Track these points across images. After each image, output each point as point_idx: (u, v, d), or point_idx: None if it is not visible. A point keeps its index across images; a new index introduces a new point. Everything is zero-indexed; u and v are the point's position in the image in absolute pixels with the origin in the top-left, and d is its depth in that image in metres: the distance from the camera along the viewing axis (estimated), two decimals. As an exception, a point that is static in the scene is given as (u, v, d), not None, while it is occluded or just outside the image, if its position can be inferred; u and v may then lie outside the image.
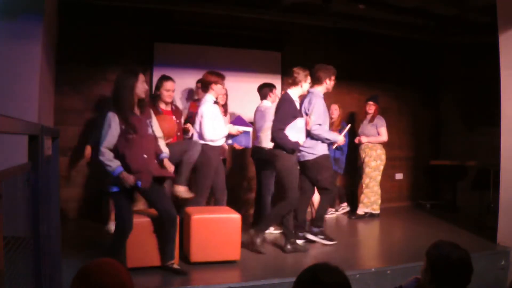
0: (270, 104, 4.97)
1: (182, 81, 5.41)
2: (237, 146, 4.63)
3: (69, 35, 5.28)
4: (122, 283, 1.35)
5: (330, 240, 4.39)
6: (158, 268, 3.45)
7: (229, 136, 4.32)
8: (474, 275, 1.89)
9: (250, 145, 4.55)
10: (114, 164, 3.08)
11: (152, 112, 3.45)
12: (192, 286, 3.17)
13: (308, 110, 4.30)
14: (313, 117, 4.24)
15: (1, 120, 1.24)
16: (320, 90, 4.38)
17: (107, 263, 1.41)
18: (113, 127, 3.10)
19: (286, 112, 3.99)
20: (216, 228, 3.64)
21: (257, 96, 5.16)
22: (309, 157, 4.30)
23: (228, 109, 5.17)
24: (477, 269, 1.91)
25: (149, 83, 5.74)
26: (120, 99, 3.16)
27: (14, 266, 1.55)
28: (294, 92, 4.14)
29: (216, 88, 4.16)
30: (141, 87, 3.22)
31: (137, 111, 3.24)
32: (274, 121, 4.03)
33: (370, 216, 5.81)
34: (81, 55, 5.34)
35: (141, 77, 3.24)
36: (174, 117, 4.25)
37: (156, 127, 3.41)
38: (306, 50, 6.49)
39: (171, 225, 3.32)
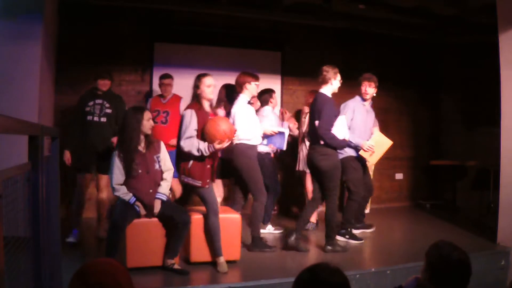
0: (271, 109, 4.95)
1: (182, 81, 5.40)
2: (271, 147, 4.54)
3: (69, 35, 5.28)
4: (119, 282, 1.35)
5: (358, 239, 4.53)
6: (159, 268, 3.45)
7: (264, 137, 4.34)
8: (474, 275, 1.89)
9: (285, 147, 4.48)
10: (128, 196, 3.33)
11: (162, 146, 3.54)
12: (192, 286, 3.17)
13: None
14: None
15: (1, 120, 1.24)
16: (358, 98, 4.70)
17: (105, 263, 1.42)
18: (118, 165, 3.33)
19: (330, 112, 4.01)
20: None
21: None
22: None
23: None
24: (477, 269, 1.91)
25: (149, 83, 5.75)
26: (125, 139, 3.37)
27: (14, 266, 1.55)
28: (326, 91, 4.13)
29: (250, 88, 4.12)
30: (147, 125, 3.39)
31: (143, 148, 3.40)
32: (321, 123, 3.99)
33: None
34: (81, 55, 5.34)
35: (147, 115, 3.42)
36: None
37: (164, 161, 3.49)
38: (306, 50, 6.49)
39: (184, 227, 3.43)
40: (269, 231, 4.87)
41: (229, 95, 4.53)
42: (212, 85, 3.57)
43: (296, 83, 6.48)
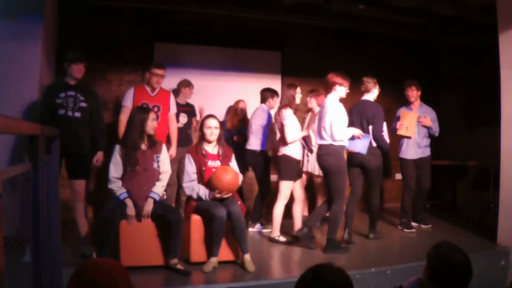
0: (266, 109, 4.95)
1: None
2: (351, 150, 4.53)
3: (69, 35, 5.28)
4: (115, 281, 1.35)
5: (410, 228, 5.13)
6: (159, 268, 3.45)
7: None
8: (474, 275, 1.88)
9: (365, 152, 4.50)
10: (119, 192, 3.38)
11: (163, 147, 3.62)
12: (192, 286, 3.17)
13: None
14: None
15: (1, 120, 1.24)
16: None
17: (102, 262, 1.42)
18: (117, 158, 3.42)
19: (382, 118, 4.52)
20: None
21: (257, 96, 5.15)
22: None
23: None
24: (477, 269, 1.91)
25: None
26: (127, 135, 3.46)
27: (14, 266, 1.55)
28: (370, 97, 4.63)
29: (340, 90, 4.18)
30: (150, 125, 3.48)
31: (144, 146, 3.50)
32: (376, 127, 4.48)
33: None
34: (81, 55, 5.33)
35: (151, 115, 3.52)
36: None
37: (163, 163, 3.58)
38: (306, 50, 6.49)
39: (178, 225, 3.42)
40: (257, 229, 4.88)
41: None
42: (212, 127, 3.68)
43: (296, 83, 6.43)
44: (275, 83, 6.20)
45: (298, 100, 4.56)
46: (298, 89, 4.58)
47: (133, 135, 3.43)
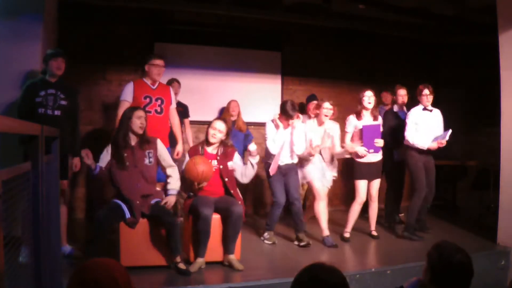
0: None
1: (182, 82, 5.41)
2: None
3: (69, 35, 5.28)
4: (116, 281, 1.35)
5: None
6: (159, 267, 3.45)
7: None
8: (474, 275, 1.88)
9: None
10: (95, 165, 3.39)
11: (158, 143, 3.61)
12: (192, 286, 3.17)
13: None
14: None
15: (1, 120, 1.25)
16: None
17: (102, 262, 1.42)
18: (105, 156, 3.47)
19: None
20: (216, 228, 3.63)
21: (257, 96, 5.14)
22: None
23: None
24: (477, 269, 1.91)
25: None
26: (117, 136, 3.49)
27: (14, 266, 1.55)
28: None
29: (423, 99, 4.77)
30: (136, 122, 3.45)
31: (135, 143, 3.49)
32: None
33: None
34: (81, 55, 5.33)
35: (137, 113, 3.48)
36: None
37: (163, 158, 3.61)
38: (306, 50, 6.49)
39: (172, 228, 3.36)
40: (263, 238, 4.59)
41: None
42: (217, 129, 3.75)
43: (296, 83, 6.48)
44: (275, 83, 6.21)
45: (367, 105, 4.43)
46: (366, 93, 4.44)
47: (118, 134, 3.48)
